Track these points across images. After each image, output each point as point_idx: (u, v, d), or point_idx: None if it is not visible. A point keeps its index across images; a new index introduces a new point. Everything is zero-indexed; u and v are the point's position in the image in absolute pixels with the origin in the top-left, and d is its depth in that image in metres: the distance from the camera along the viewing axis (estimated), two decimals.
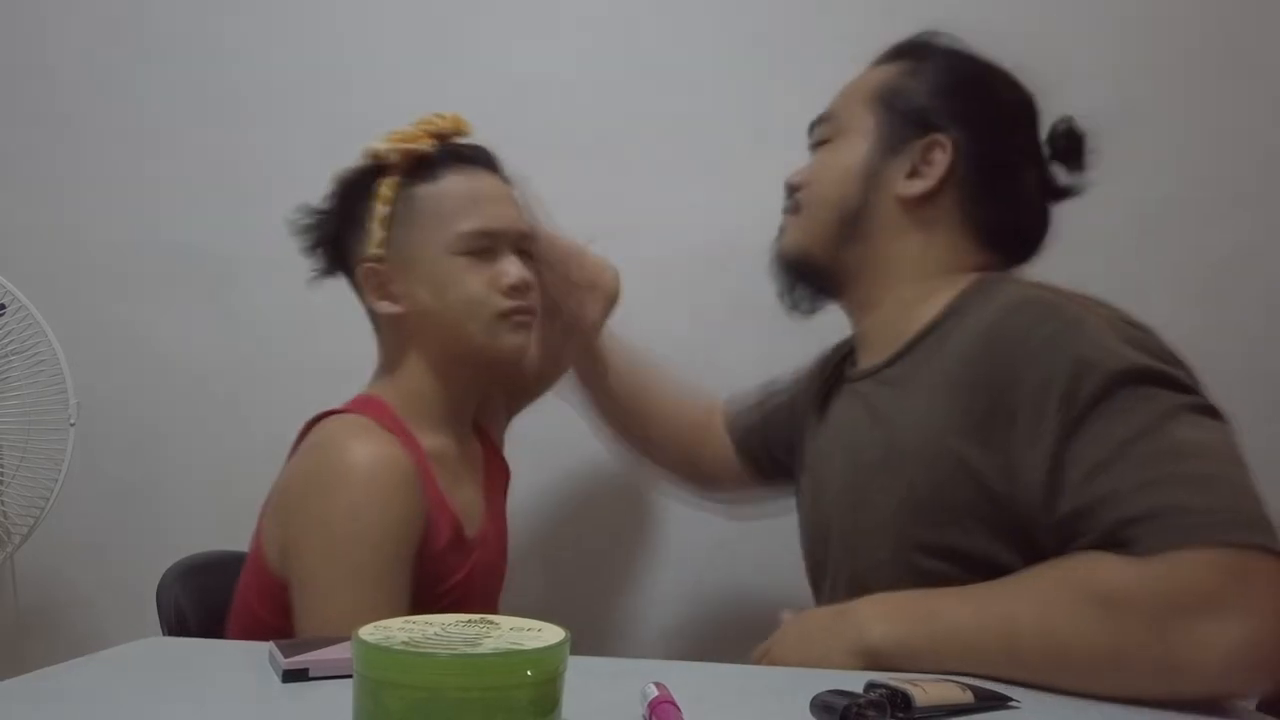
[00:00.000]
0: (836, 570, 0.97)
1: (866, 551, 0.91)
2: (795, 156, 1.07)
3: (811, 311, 1.08)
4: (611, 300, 1.26)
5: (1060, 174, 1.01)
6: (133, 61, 1.64)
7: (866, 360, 1.01)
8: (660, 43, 1.53)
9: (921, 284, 0.97)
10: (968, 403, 0.84)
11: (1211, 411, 0.78)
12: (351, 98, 1.58)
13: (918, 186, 0.97)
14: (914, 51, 1.03)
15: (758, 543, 1.50)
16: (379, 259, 1.09)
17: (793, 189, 1.06)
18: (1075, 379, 0.77)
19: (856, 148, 1.00)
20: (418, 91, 1.54)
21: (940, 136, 0.97)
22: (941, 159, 0.97)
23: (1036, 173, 1.00)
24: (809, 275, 1.05)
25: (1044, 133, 1.01)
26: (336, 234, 1.13)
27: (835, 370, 1.09)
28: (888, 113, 1.00)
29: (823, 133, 1.05)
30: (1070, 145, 1.00)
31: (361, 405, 1.08)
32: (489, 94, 1.51)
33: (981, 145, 0.97)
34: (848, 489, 0.96)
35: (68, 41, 1.65)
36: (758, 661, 0.88)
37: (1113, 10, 1.44)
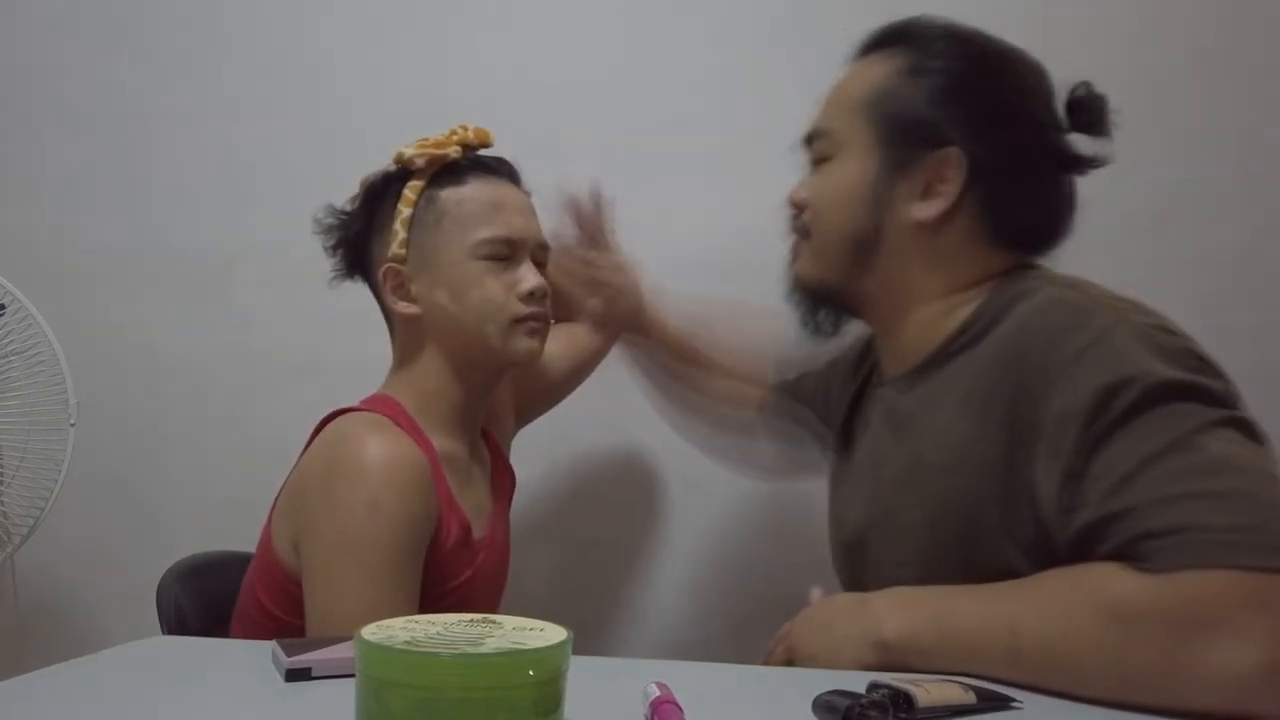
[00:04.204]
0: (864, 578, 0.95)
1: (894, 569, 0.90)
2: (797, 157, 1.07)
3: (834, 333, 1.04)
4: (626, 305, 1.32)
5: (1083, 144, 0.94)
6: (132, 62, 1.64)
7: (893, 370, 0.98)
8: (661, 43, 1.53)
9: (946, 299, 0.93)
10: (993, 416, 0.82)
11: (1248, 426, 0.75)
12: (351, 98, 1.58)
13: (934, 208, 0.91)
14: (902, 41, 0.95)
15: (761, 542, 1.51)
16: (400, 260, 1.10)
17: (796, 208, 1.00)
18: (1104, 396, 0.74)
19: (859, 168, 0.93)
20: (418, 92, 1.55)
21: (951, 151, 0.90)
22: (955, 176, 0.90)
23: (1058, 155, 0.93)
24: (827, 300, 1.00)
25: (1059, 105, 0.94)
26: (359, 235, 1.15)
27: (866, 375, 1.07)
28: (888, 127, 0.92)
29: (819, 149, 0.98)
30: (1090, 112, 0.93)
31: (376, 404, 1.10)
32: (489, 95, 1.52)
33: (996, 150, 0.90)
34: (874, 504, 0.95)
35: (67, 42, 1.65)
36: (780, 640, 0.87)
37: (1114, 10, 1.44)
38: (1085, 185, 0.98)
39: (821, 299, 1.01)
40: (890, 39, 0.96)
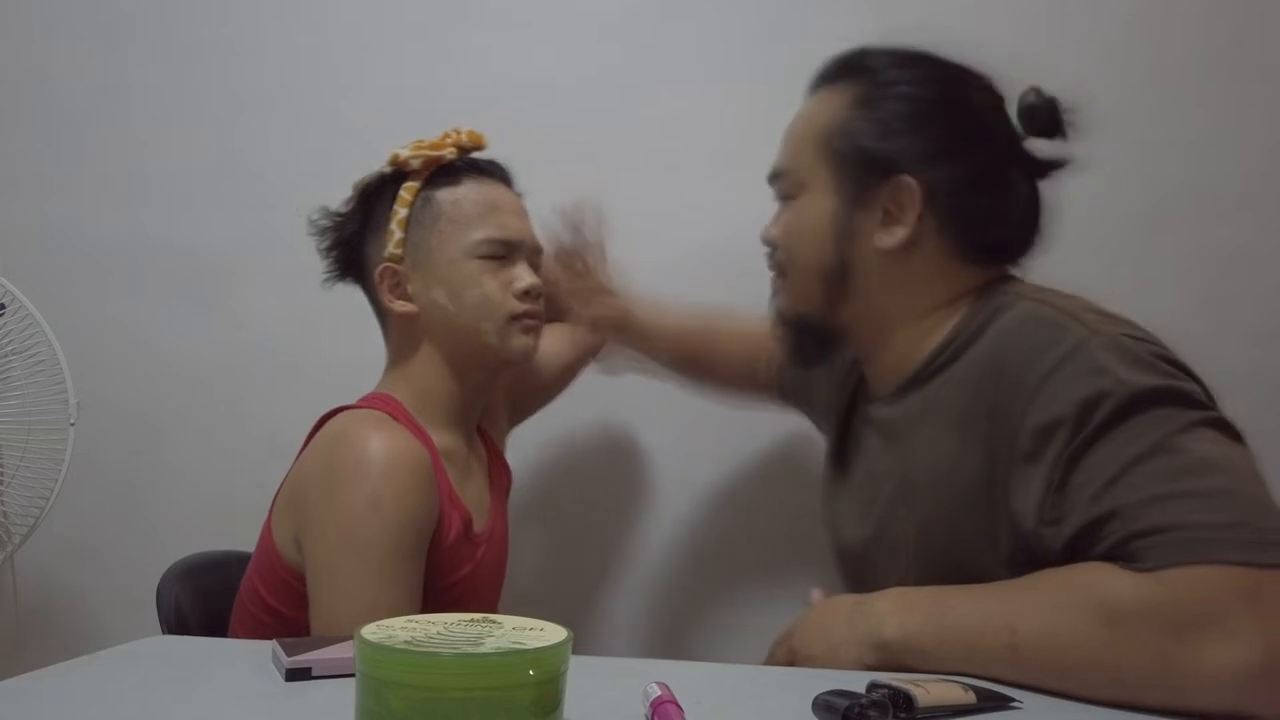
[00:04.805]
0: (868, 590, 0.96)
1: (893, 575, 0.91)
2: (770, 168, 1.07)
3: (823, 361, 1.06)
4: (613, 321, 1.33)
5: (1043, 148, 0.95)
6: (132, 61, 1.64)
7: (880, 389, 0.99)
8: (661, 44, 1.53)
9: (924, 320, 0.94)
10: (972, 437, 0.83)
11: (1226, 427, 0.76)
12: (352, 99, 1.58)
13: (897, 235, 0.92)
14: (853, 74, 0.97)
15: (760, 541, 1.51)
16: (397, 259, 1.11)
17: (770, 245, 1.03)
18: (1082, 409, 0.76)
19: (820, 205, 0.95)
20: (418, 94, 1.55)
21: (905, 179, 0.91)
22: (911, 202, 0.92)
23: (1018, 165, 0.95)
24: (811, 332, 1.02)
25: (1012, 112, 0.95)
26: (354, 236, 1.16)
27: (854, 394, 1.08)
28: (843, 162, 0.94)
29: (783, 188, 1.01)
30: (1043, 116, 0.94)
31: (375, 401, 1.11)
32: (489, 96, 1.52)
33: (952, 172, 0.92)
34: (870, 519, 0.96)
35: (67, 42, 1.65)
36: (781, 642, 0.88)
37: (1115, 11, 1.44)
38: (1083, 187, 0.98)
39: (805, 331, 1.02)
40: (841, 72, 0.98)
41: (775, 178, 1.02)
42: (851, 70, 0.98)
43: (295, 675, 0.72)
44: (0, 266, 1.50)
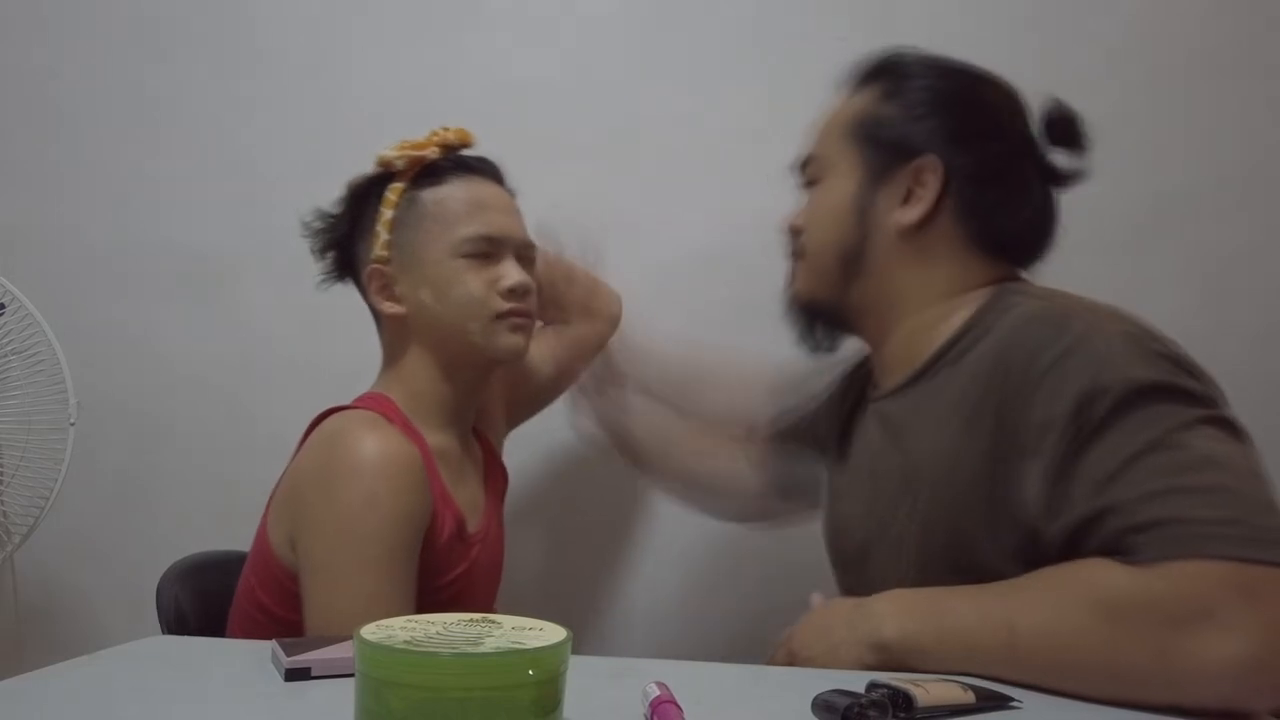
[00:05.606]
0: (866, 591, 0.96)
1: (894, 573, 0.91)
2: (798, 151, 1.07)
3: (833, 349, 1.07)
4: (607, 326, 1.34)
5: (1061, 159, 0.98)
6: (133, 61, 1.64)
7: (886, 382, 1.00)
8: (660, 44, 1.53)
9: (935, 308, 0.95)
10: (978, 433, 0.83)
11: (1229, 424, 0.76)
12: (352, 99, 1.58)
13: (915, 212, 0.95)
14: (884, 73, 1.01)
15: (760, 540, 1.50)
16: (384, 260, 1.11)
17: (794, 232, 1.04)
18: (1084, 402, 0.76)
19: (844, 185, 0.98)
20: (418, 95, 1.55)
21: (928, 159, 0.94)
22: (933, 180, 0.94)
23: (1034, 167, 0.97)
24: (822, 317, 1.04)
25: (1035, 123, 0.98)
26: (345, 238, 1.16)
27: (859, 390, 1.09)
28: (869, 144, 0.98)
29: (809, 174, 1.03)
30: (1066, 127, 0.97)
31: (369, 402, 1.11)
32: (489, 96, 1.52)
33: (971, 159, 0.95)
34: (872, 517, 0.96)
35: (69, 42, 1.65)
36: (780, 644, 0.88)
37: (1115, 11, 1.44)
38: (1085, 187, 0.98)
39: (817, 316, 1.04)
40: (869, 74, 1.02)
41: (801, 164, 1.04)
42: (879, 71, 1.01)
43: (295, 675, 0.72)
44: (0, 266, 1.50)
